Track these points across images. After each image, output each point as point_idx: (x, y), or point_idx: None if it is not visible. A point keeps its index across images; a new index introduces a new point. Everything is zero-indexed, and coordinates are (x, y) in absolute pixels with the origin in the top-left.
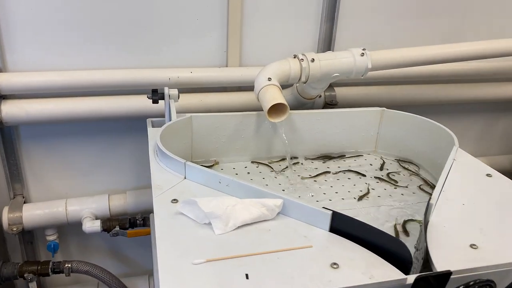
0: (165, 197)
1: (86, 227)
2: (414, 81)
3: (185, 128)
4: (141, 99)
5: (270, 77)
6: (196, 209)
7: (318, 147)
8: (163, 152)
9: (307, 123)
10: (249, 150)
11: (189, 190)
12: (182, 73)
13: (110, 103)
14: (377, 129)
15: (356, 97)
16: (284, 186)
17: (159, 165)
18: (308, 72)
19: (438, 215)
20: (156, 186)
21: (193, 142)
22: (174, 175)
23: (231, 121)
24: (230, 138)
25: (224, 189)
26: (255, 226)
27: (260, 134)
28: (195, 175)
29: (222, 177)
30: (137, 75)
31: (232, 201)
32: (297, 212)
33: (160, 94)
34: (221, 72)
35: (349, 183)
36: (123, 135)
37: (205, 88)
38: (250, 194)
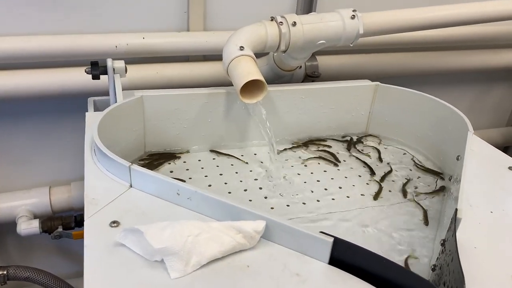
0: (101, 218)
1: (21, 229)
2: (403, 49)
3: (135, 111)
4: (83, 72)
5: (243, 45)
6: (143, 240)
7: (301, 130)
8: (100, 151)
9: (288, 101)
10: (217, 136)
11: (137, 205)
12: (132, 39)
13: (43, 77)
14: (369, 108)
15: (341, 67)
16: (262, 183)
17: (97, 167)
18: (288, 39)
19: (463, 230)
20: (90, 200)
21: (146, 129)
22: (117, 183)
23: (194, 101)
24: (194, 122)
25: (184, 203)
26: (228, 261)
27: (231, 117)
28: (144, 183)
29: (182, 187)
30: (75, 42)
31: (195, 228)
32: (285, 237)
33: (102, 67)
34: (181, 38)
35: (339, 175)
36: (65, 116)
37: (162, 58)
38: (221, 211)
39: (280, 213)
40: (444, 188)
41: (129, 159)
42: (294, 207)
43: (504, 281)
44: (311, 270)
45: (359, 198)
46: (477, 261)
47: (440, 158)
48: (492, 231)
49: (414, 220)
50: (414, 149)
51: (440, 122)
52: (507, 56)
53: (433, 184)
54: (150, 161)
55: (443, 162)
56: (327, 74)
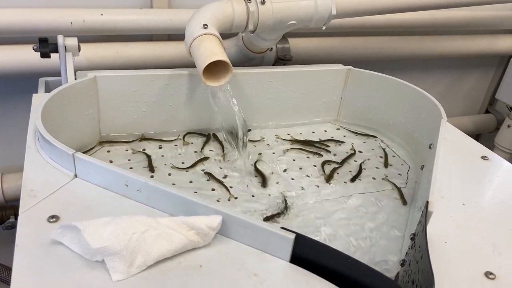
0: (39, 212)
1: None
2: (377, 32)
3: (88, 93)
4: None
5: (207, 23)
6: (81, 238)
7: (269, 116)
8: (43, 137)
9: (256, 85)
10: (179, 121)
11: (81, 197)
12: (89, 16)
13: None
14: (341, 93)
15: (313, 50)
16: (226, 172)
17: (40, 155)
18: (257, 18)
19: (433, 224)
20: (28, 192)
21: (100, 112)
22: (60, 172)
23: (154, 83)
24: (154, 106)
25: (133, 195)
26: (179, 260)
27: (194, 100)
28: (90, 173)
29: (130, 178)
30: (25, 16)
31: (141, 225)
32: (243, 233)
33: (53, 45)
34: (144, 15)
35: (307, 163)
36: (17, 98)
37: (123, 37)
38: (174, 205)
39: (242, 206)
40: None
41: (82, 145)
42: (264, 200)
43: (476, 278)
44: (271, 269)
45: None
46: (448, 257)
47: (413, 146)
48: (463, 225)
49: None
50: (386, 135)
51: (413, 109)
52: (482, 43)
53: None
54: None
55: (415, 151)
56: (299, 57)
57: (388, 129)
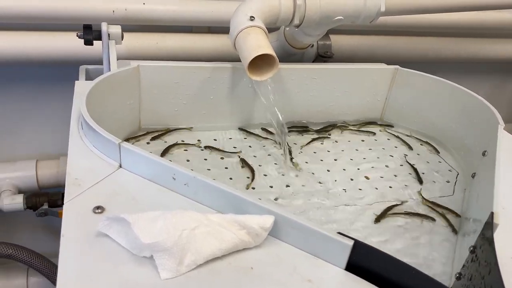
0: (84, 202)
1: (3, 204)
2: (421, 33)
3: (130, 82)
4: (75, 37)
5: (253, 15)
6: (130, 231)
7: (310, 114)
8: (88, 124)
9: (299, 82)
10: (219, 116)
11: (126, 188)
12: (132, 4)
13: (33, 41)
14: (386, 93)
15: (355, 48)
16: (268, 171)
17: (83, 143)
18: (303, 12)
19: (496, 238)
20: (72, 181)
21: (141, 103)
22: (104, 162)
23: (196, 75)
24: (194, 99)
25: (180, 189)
26: (229, 260)
27: (235, 95)
28: (135, 164)
29: (179, 171)
30: (69, 3)
31: (191, 221)
32: (296, 235)
33: (96, 32)
34: (185, 6)
35: (351, 166)
36: (56, 84)
37: (163, 27)
38: (223, 202)
39: (286, 204)
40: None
41: (121, 136)
42: (303, 199)
43: None
44: (325, 276)
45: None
46: None
47: (461, 152)
48: None
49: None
50: (433, 139)
51: (465, 113)
52: None
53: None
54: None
55: (464, 157)
56: (340, 55)
57: (435, 133)
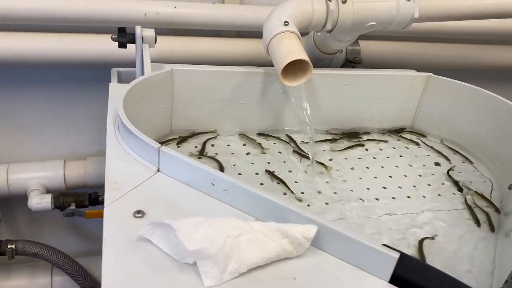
0: (123, 206)
1: (32, 204)
2: (453, 39)
3: (164, 86)
4: (108, 40)
5: (287, 20)
6: (173, 237)
7: (341, 120)
8: (126, 128)
9: (330, 87)
10: (249, 120)
11: (164, 193)
12: (163, 8)
13: (65, 43)
14: (418, 100)
15: (384, 54)
16: (297, 177)
17: (120, 146)
18: (336, 18)
19: None
20: (112, 184)
21: (173, 106)
22: (142, 166)
23: (229, 80)
24: (226, 103)
25: (219, 195)
26: (271, 270)
27: (266, 100)
28: (174, 168)
29: (218, 177)
30: (102, 6)
31: (234, 229)
32: (339, 246)
33: (130, 35)
34: (216, 10)
35: (383, 174)
36: (85, 86)
37: (193, 31)
38: (263, 209)
39: (317, 211)
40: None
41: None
42: (334, 207)
43: None
44: None
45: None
46: None
47: (496, 163)
48: None
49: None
50: (465, 149)
51: (500, 123)
52: None
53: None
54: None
55: (498, 168)
56: (368, 60)
57: (468, 142)
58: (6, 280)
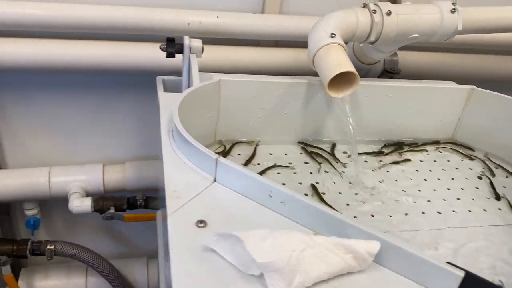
0: (185, 215)
1: (73, 206)
2: (494, 51)
3: (211, 95)
4: (149, 48)
5: (334, 32)
6: (238, 248)
7: (380, 132)
8: (183, 138)
9: (372, 98)
10: (291, 130)
11: (222, 203)
12: (206, 18)
13: (108, 50)
14: (459, 113)
15: (422, 65)
16: (341, 188)
17: (176, 155)
18: (380, 29)
19: None
20: (171, 193)
21: (219, 115)
22: (199, 175)
23: (273, 90)
24: (270, 113)
25: (276, 207)
26: (335, 284)
27: (308, 110)
28: (231, 179)
29: (276, 189)
30: (145, 15)
31: (299, 242)
32: (401, 263)
33: (178, 45)
34: (257, 20)
35: (426, 187)
36: (124, 92)
37: (232, 40)
38: (321, 223)
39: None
40: None
41: None
42: (379, 219)
43: None
44: None
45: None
46: None
47: None
48: None
49: None
50: (509, 163)
51: None
52: None
53: None
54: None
55: None
56: (407, 71)
57: (511, 156)
58: (44, 279)
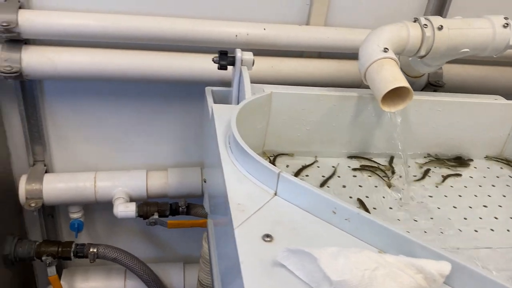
0: (251, 228)
1: (118, 211)
2: None
3: (263, 107)
4: (196, 58)
5: (386, 46)
6: (309, 264)
7: (429, 146)
8: (243, 151)
9: (423, 113)
10: (338, 143)
11: (285, 218)
12: (253, 30)
13: (156, 60)
14: (509, 129)
15: (466, 78)
16: (390, 203)
17: (235, 166)
18: (431, 44)
19: None
20: (236, 206)
21: (268, 127)
22: (260, 188)
23: (323, 103)
24: (318, 125)
25: (340, 223)
26: None
27: (357, 123)
28: (292, 194)
29: (341, 206)
30: (194, 27)
31: (370, 261)
32: (471, 284)
33: (230, 57)
34: (302, 32)
35: (477, 204)
36: (168, 100)
37: (275, 51)
38: (388, 241)
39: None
40: None
41: None
42: (432, 237)
43: None
44: None
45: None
46: None
47: None
48: None
49: None
50: None
51: None
52: None
53: None
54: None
55: None
56: (451, 84)
57: None
58: (85, 281)
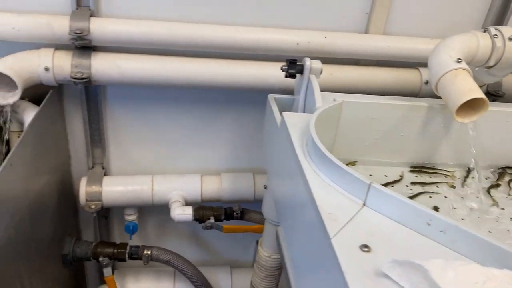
0: (346, 238)
1: (175, 214)
2: None
3: (333, 116)
4: (257, 66)
5: (459, 57)
6: (415, 276)
7: (500, 157)
8: (329, 161)
9: (491, 124)
10: (405, 152)
11: (377, 228)
12: (315, 38)
13: (220, 67)
14: None
15: None
16: (463, 214)
17: (318, 176)
18: (501, 54)
19: None
20: (327, 215)
21: (337, 136)
22: (347, 198)
23: (393, 112)
24: (386, 135)
25: (434, 235)
26: None
27: (426, 133)
28: (383, 204)
29: (437, 218)
30: (257, 35)
31: (480, 275)
32: None
33: (299, 66)
34: (361, 40)
35: None
36: (224, 107)
37: (333, 59)
38: (488, 256)
39: None
40: None
41: None
42: None
43: None
44: None
45: None
46: None
47: None
48: None
49: None
50: None
51: None
52: None
53: None
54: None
55: None
56: (511, 93)
57: None
58: (136, 282)
